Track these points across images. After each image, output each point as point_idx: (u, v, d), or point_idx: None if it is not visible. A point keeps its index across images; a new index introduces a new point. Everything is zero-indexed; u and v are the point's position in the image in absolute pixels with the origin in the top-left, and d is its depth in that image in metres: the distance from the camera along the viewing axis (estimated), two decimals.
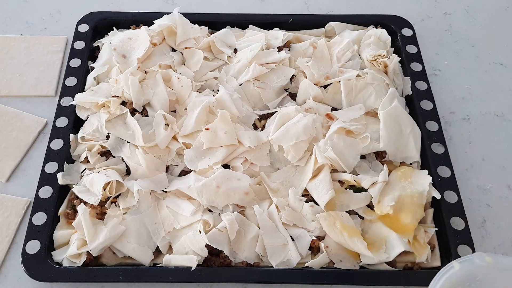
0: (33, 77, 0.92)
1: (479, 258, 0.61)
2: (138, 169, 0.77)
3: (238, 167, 0.78)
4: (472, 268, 0.61)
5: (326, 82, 0.87)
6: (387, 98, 0.84)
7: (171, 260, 0.70)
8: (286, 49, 0.93)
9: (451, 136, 0.87)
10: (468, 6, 1.07)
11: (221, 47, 0.91)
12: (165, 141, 0.79)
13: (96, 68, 0.89)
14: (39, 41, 0.97)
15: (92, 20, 0.97)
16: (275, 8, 1.05)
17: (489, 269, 0.61)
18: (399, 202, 0.73)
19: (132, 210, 0.73)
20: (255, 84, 0.86)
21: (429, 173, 0.77)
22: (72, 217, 0.74)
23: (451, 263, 0.61)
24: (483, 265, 0.60)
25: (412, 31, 0.97)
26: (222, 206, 0.74)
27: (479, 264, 0.61)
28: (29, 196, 0.78)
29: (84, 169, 0.78)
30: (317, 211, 0.73)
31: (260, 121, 0.85)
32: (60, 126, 0.82)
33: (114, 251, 0.72)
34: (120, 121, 0.82)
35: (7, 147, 0.83)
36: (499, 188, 0.81)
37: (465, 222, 0.74)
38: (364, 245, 0.69)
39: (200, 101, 0.82)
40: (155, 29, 0.91)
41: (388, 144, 0.79)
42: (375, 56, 0.89)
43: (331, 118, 0.82)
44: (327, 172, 0.76)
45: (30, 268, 0.69)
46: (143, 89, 0.84)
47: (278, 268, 0.70)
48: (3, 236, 0.74)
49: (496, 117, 0.90)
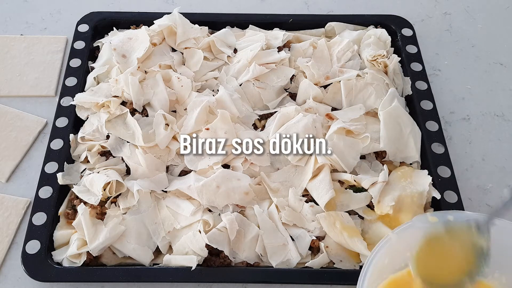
0: (33, 77, 0.92)
1: (420, 221, 0.56)
2: (138, 169, 0.77)
3: (238, 167, 0.78)
4: (415, 232, 0.55)
5: (326, 82, 0.87)
6: (387, 98, 0.84)
7: (171, 260, 0.70)
8: (286, 49, 0.93)
9: (451, 136, 0.87)
10: (468, 6, 1.07)
11: (221, 47, 0.91)
12: (165, 141, 0.79)
13: (96, 68, 0.89)
14: (39, 41, 0.97)
15: (92, 20, 0.97)
16: (275, 8, 1.05)
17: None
18: (399, 202, 0.73)
19: (132, 210, 0.73)
20: (255, 84, 0.86)
21: (429, 173, 0.77)
22: (72, 217, 0.74)
23: (387, 235, 0.56)
24: (426, 226, 0.55)
25: (412, 31, 0.97)
26: (222, 206, 0.74)
27: (421, 226, 0.56)
28: (29, 196, 0.78)
29: (84, 169, 0.78)
30: (317, 211, 0.73)
31: (260, 121, 0.85)
32: (60, 126, 0.82)
33: (114, 251, 0.72)
34: (120, 121, 0.82)
35: (7, 147, 0.83)
36: (499, 188, 0.81)
37: None
38: (364, 245, 0.69)
39: (200, 101, 0.82)
40: (155, 29, 0.91)
41: (388, 144, 0.79)
42: (375, 56, 0.89)
43: (331, 118, 0.82)
44: (327, 172, 0.76)
45: (30, 268, 0.69)
46: (143, 89, 0.84)
47: (278, 268, 0.70)
48: (3, 236, 0.74)
49: (496, 117, 0.90)
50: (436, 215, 0.57)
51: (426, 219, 0.56)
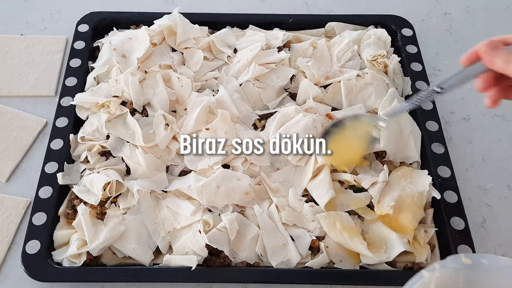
0: (33, 77, 0.92)
1: (453, 262, 0.55)
2: (138, 169, 0.77)
3: (238, 167, 0.78)
4: (448, 273, 0.54)
5: (326, 82, 0.87)
6: (387, 98, 0.84)
7: (171, 260, 0.70)
8: (286, 49, 0.93)
9: (451, 136, 0.87)
10: (468, 6, 1.07)
11: (221, 47, 0.91)
12: (165, 141, 0.79)
13: (96, 68, 0.89)
14: (39, 41, 0.97)
15: (92, 20, 0.97)
16: (275, 8, 1.05)
17: (472, 271, 0.55)
18: (399, 202, 0.73)
19: (132, 210, 0.73)
20: (255, 84, 0.86)
21: (429, 173, 0.77)
22: (72, 217, 0.74)
23: (420, 272, 0.55)
24: (460, 267, 0.55)
25: (412, 31, 0.97)
26: (222, 206, 0.74)
27: (454, 267, 0.55)
28: (29, 196, 0.78)
29: (84, 169, 0.78)
30: (317, 211, 0.73)
31: (260, 121, 0.85)
32: (60, 126, 0.82)
33: (114, 251, 0.72)
34: (120, 121, 0.82)
35: (7, 147, 0.83)
36: (499, 188, 0.81)
37: (465, 222, 0.74)
38: (364, 245, 0.69)
39: (200, 101, 0.82)
40: (155, 29, 0.91)
41: (388, 144, 0.79)
42: (375, 56, 0.89)
43: (331, 118, 0.82)
44: (327, 172, 0.76)
45: (30, 268, 0.69)
46: (143, 89, 0.84)
47: (278, 268, 0.70)
48: (3, 236, 0.74)
49: (496, 117, 0.90)
50: (470, 257, 0.56)
51: (460, 260, 0.55)
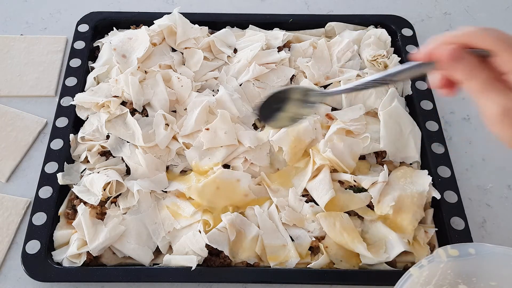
0: (33, 77, 0.92)
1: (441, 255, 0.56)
2: (138, 169, 0.77)
3: (238, 167, 0.78)
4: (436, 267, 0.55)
5: (326, 82, 0.87)
6: (387, 98, 0.84)
7: (171, 260, 0.70)
8: (286, 49, 0.93)
9: (451, 136, 0.87)
10: (468, 6, 1.07)
11: (221, 47, 0.91)
12: (165, 141, 0.79)
13: (96, 68, 0.89)
14: (39, 41, 0.97)
15: (92, 20, 0.96)
16: (275, 8, 1.05)
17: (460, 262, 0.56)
18: (399, 202, 0.73)
19: (132, 210, 0.73)
20: (255, 84, 0.86)
21: (429, 173, 0.77)
22: (72, 217, 0.74)
23: (408, 271, 0.56)
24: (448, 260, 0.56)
25: (412, 31, 0.96)
26: (222, 206, 0.74)
27: (442, 261, 0.56)
28: (29, 196, 0.78)
29: (84, 169, 0.78)
30: (317, 211, 0.73)
31: (260, 121, 0.85)
32: (60, 126, 0.82)
33: (114, 251, 0.72)
34: (120, 121, 0.82)
35: (7, 147, 0.83)
36: (499, 188, 0.81)
37: (465, 222, 0.74)
38: (364, 246, 0.69)
39: (200, 101, 0.82)
40: (155, 29, 0.91)
41: (388, 144, 0.79)
42: (375, 56, 0.89)
43: (331, 118, 0.82)
44: (327, 172, 0.76)
45: (30, 268, 0.69)
46: (143, 89, 0.84)
47: (278, 268, 0.70)
48: (3, 236, 0.74)
49: None
50: (457, 248, 0.57)
51: (447, 252, 0.56)
